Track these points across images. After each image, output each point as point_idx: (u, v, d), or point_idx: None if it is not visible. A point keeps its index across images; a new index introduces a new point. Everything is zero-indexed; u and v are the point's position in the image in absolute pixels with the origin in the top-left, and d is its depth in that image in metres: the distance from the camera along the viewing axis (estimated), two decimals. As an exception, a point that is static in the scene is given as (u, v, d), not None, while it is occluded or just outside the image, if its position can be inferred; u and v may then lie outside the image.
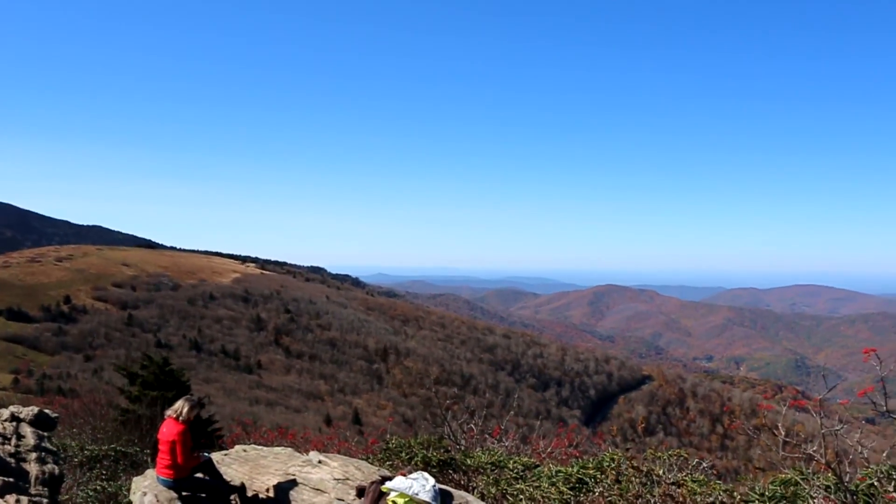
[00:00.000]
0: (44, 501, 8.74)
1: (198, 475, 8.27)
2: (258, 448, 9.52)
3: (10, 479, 8.80)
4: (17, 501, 8.39)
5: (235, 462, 8.98)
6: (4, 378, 73.04)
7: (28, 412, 10.58)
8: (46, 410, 10.88)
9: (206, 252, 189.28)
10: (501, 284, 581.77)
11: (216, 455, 9.10)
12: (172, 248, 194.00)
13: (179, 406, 8.19)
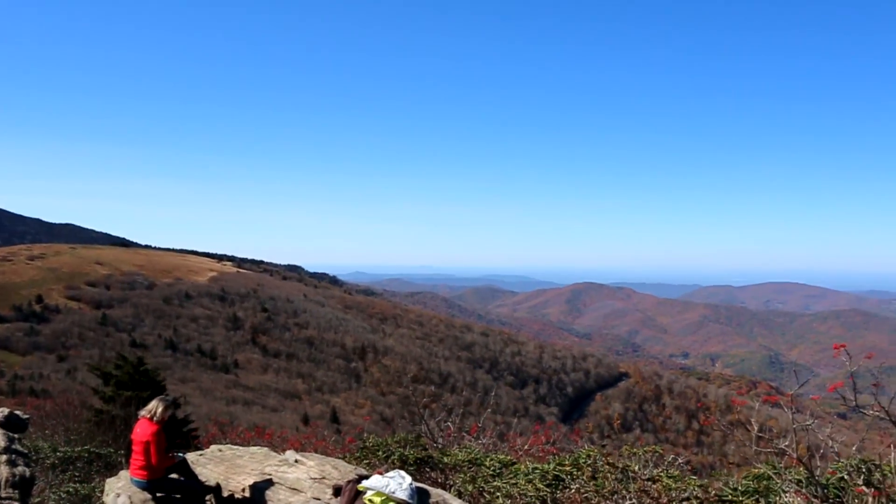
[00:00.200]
0: (14, 504, 8.61)
1: (172, 476, 8.21)
2: (234, 448, 9.45)
3: (-20, 482, 8.67)
4: (-13, 504, 8.27)
5: (211, 462, 8.92)
6: (-25, 379, 71.86)
7: (-2, 413, 10.41)
8: (17, 412, 10.71)
9: (182, 250, 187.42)
10: (479, 282, 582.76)
11: (191, 455, 9.02)
12: (147, 247, 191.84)
13: (153, 406, 8.12)
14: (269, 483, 8.08)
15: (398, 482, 7.29)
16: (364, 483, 7.37)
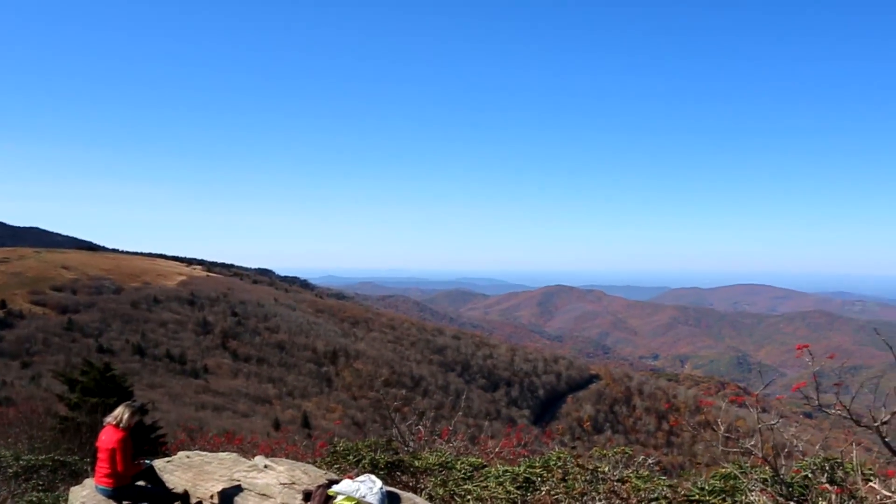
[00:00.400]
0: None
1: (139, 483, 8.07)
2: (202, 454, 9.34)
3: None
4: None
5: (179, 469, 8.80)
6: (-65, 387, 70.11)
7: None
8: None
9: (151, 254, 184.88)
10: (451, 285, 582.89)
11: (159, 462, 8.90)
12: (115, 251, 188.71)
13: (119, 412, 7.98)
14: (238, 489, 7.99)
15: (368, 486, 7.27)
16: (334, 488, 7.34)
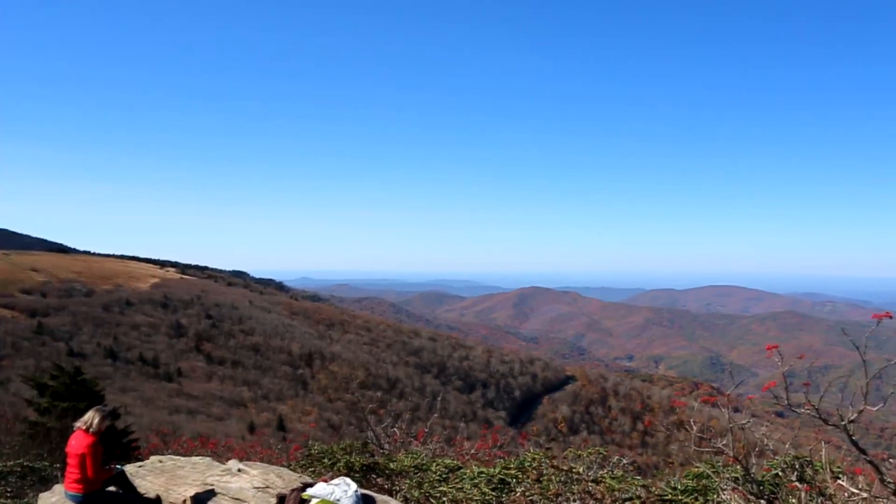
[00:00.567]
0: (-59, 522, 8.27)
1: (110, 489, 7.97)
2: (175, 458, 9.26)
3: None
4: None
5: (151, 474, 8.70)
6: None
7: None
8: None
9: (123, 256, 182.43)
10: (427, 287, 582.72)
11: (130, 467, 8.79)
12: (86, 253, 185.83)
13: (89, 417, 7.87)
14: (212, 493, 7.92)
15: (343, 489, 7.24)
16: (309, 491, 7.30)
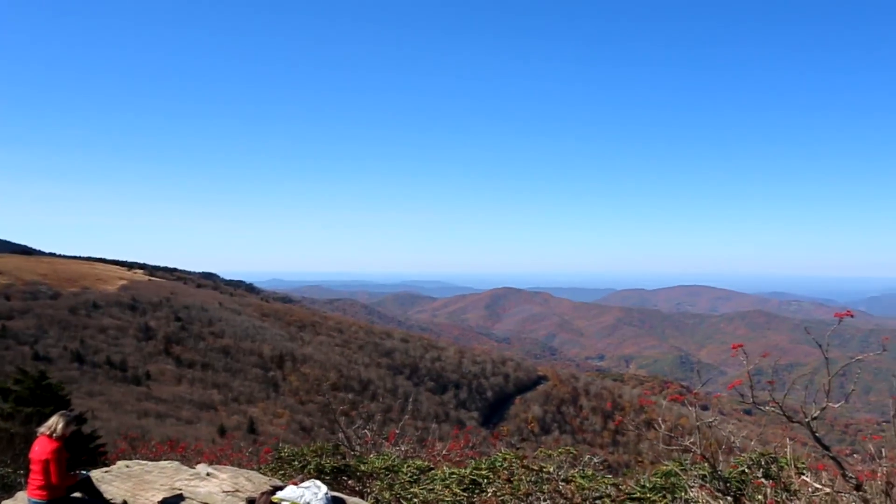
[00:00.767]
0: None
1: (75, 495, 7.85)
2: (143, 463, 9.15)
3: None
4: None
5: (117, 479, 8.59)
6: None
7: None
8: None
9: (90, 258, 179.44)
10: (399, 288, 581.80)
11: (96, 473, 8.67)
12: (51, 255, 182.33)
13: (53, 422, 7.74)
14: (180, 498, 7.86)
15: (313, 492, 7.22)
16: (278, 494, 7.27)
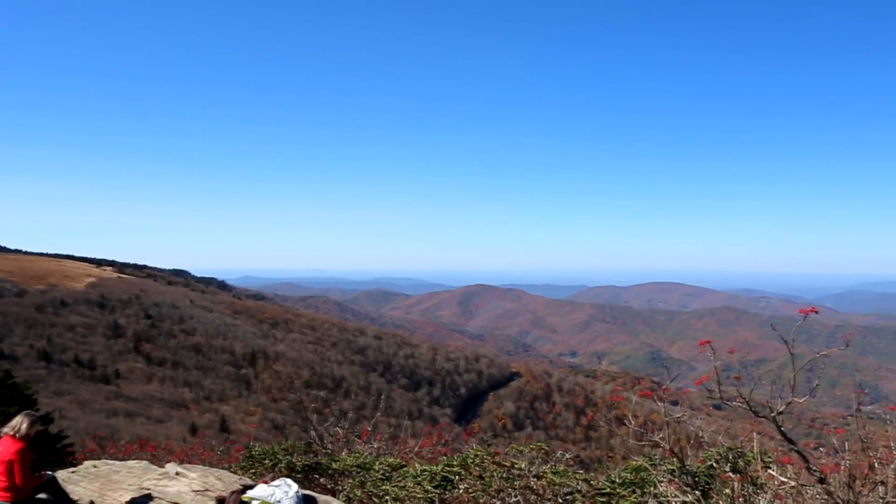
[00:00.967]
0: None
1: (41, 496, 7.72)
2: (111, 463, 9.02)
3: None
4: None
5: (84, 479, 8.46)
6: None
7: None
8: None
9: (57, 255, 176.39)
10: (372, 285, 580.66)
11: (62, 473, 8.54)
12: (17, 251, 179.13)
13: (17, 422, 7.60)
14: (148, 498, 7.77)
15: (284, 490, 7.17)
16: (249, 493, 7.21)
